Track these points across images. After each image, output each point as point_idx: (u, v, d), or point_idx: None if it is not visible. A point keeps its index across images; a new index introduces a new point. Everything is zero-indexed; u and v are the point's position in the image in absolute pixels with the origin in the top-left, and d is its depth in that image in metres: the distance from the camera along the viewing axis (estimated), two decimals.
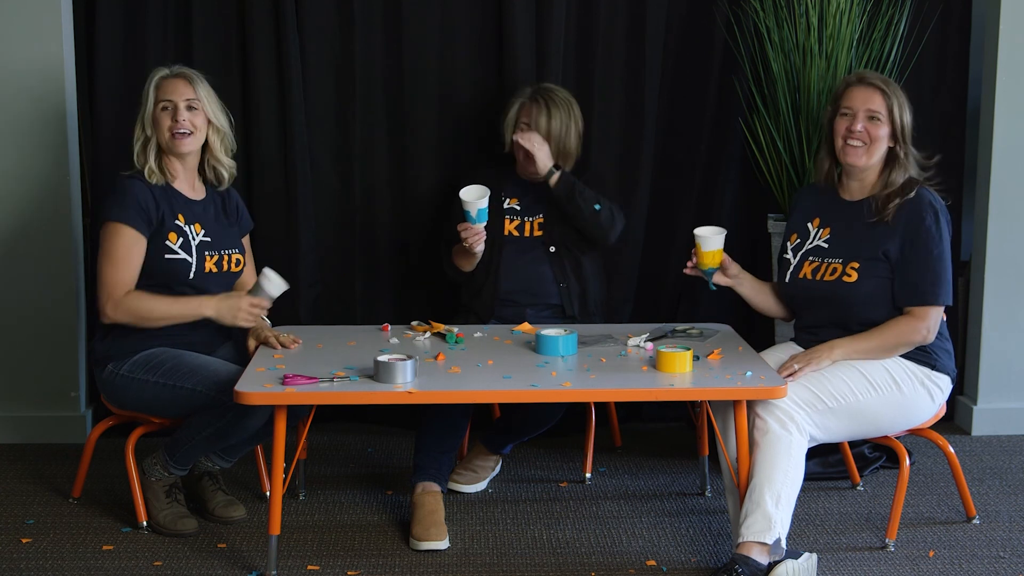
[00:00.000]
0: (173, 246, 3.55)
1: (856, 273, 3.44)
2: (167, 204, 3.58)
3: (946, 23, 4.40)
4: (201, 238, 3.61)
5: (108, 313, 3.52)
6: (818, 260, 3.53)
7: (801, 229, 3.62)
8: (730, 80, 4.37)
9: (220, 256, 3.64)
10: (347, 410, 4.52)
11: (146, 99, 3.60)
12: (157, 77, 3.61)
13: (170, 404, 3.49)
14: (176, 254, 3.55)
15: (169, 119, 3.57)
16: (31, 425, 4.34)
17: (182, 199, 3.63)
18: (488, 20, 4.33)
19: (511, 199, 4.07)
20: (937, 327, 3.44)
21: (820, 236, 3.56)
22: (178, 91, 3.59)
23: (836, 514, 3.76)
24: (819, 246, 3.55)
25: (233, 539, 3.55)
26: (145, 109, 3.60)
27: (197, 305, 3.52)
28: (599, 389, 3.27)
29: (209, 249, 3.62)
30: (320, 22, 4.30)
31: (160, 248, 3.54)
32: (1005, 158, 4.37)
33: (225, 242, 3.68)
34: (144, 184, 3.57)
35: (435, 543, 3.47)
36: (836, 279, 3.46)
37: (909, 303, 3.42)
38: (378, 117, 4.38)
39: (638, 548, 3.51)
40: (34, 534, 3.58)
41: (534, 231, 4.04)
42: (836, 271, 3.47)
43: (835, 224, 3.54)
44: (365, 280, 4.47)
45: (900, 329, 3.41)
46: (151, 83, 3.61)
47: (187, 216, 3.61)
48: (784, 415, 3.28)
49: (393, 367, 3.17)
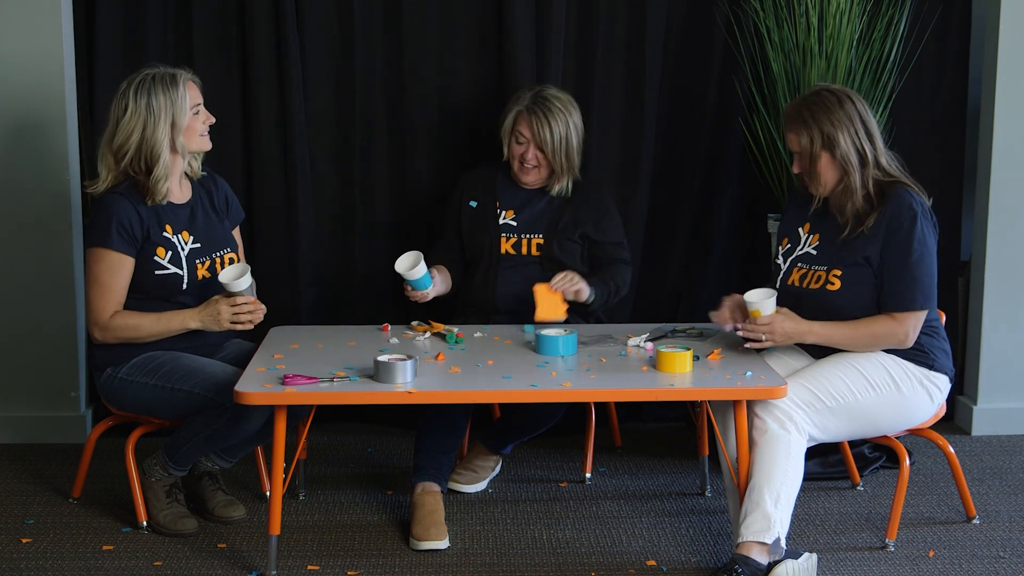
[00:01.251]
0: (162, 261, 3.50)
1: (839, 281, 3.43)
2: (153, 216, 3.51)
3: (946, 23, 4.40)
4: (191, 246, 3.56)
5: (96, 337, 3.52)
6: (806, 267, 3.52)
7: (793, 233, 3.61)
8: (730, 80, 4.37)
9: (212, 260, 3.60)
10: (347, 410, 4.52)
11: (177, 109, 3.46)
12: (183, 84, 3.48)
13: (168, 406, 3.49)
14: (166, 269, 3.51)
15: (200, 123, 3.55)
16: (31, 425, 4.34)
17: (169, 207, 3.56)
18: (488, 20, 4.33)
19: (507, 211, 4.01)
20: (917, 331, 3.41)
21: (810, 243, 3.55)
22: (198, 94, 3.56)
23: (836, 514, 3.76)
24: (808, 253, 3.54)
25: (233, 539, 3.55)
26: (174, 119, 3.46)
27: (181, 320, 3.49)
28: (599, 389, 3.27)
29: (200, 256, 3.57)
30: (320, 22, 4.30)
31: (149, 264, 3.49)
32: (1005, 158, 4.37)
33: (215, 244, 3.63)
34: (127, 200, 3.48)
35: (435, 543, 3.47)
36: (820, 287, 3.45)
37: (890, 308, 3.40)
38: (378, 117, 4.38)
39: (638, 548, 3.51)
40: (34, 534, 3.58)
41: (532, 250, 3.97)
42: (820, 279, 3.46)
43: (823, 231, 3.53)
44: (365, 280, 4.47)
45: (878, 330, 3.40)
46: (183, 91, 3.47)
47: (175, 225, 3.55)
48: (783, 415, 3.28)
49: (393, 367, 3.17)
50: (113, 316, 3.48)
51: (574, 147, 3.94)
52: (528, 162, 3.94)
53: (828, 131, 3.38)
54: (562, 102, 3.94)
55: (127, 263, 3.49)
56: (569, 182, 3.99)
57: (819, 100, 3.42)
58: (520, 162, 3.95)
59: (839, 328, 3.41)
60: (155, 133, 3.46)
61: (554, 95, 3.95)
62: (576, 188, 4.01)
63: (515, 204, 4.02)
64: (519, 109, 3.94)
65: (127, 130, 3.47)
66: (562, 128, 3.90)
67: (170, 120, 3.47)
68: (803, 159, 3.43)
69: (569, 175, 3.98)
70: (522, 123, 3.92)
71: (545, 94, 3.95)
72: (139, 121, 3.46)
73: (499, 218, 4.00)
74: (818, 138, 3.39)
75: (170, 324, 3.49)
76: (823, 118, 3.39)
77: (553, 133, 3.88)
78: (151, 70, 3.51)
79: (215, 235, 3.64)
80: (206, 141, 3.59)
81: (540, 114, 3.89)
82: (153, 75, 3.49)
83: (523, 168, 3.95)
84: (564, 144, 3.91)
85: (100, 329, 3.50)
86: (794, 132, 3.43)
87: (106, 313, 3.48)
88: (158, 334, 3.50)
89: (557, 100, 3.93)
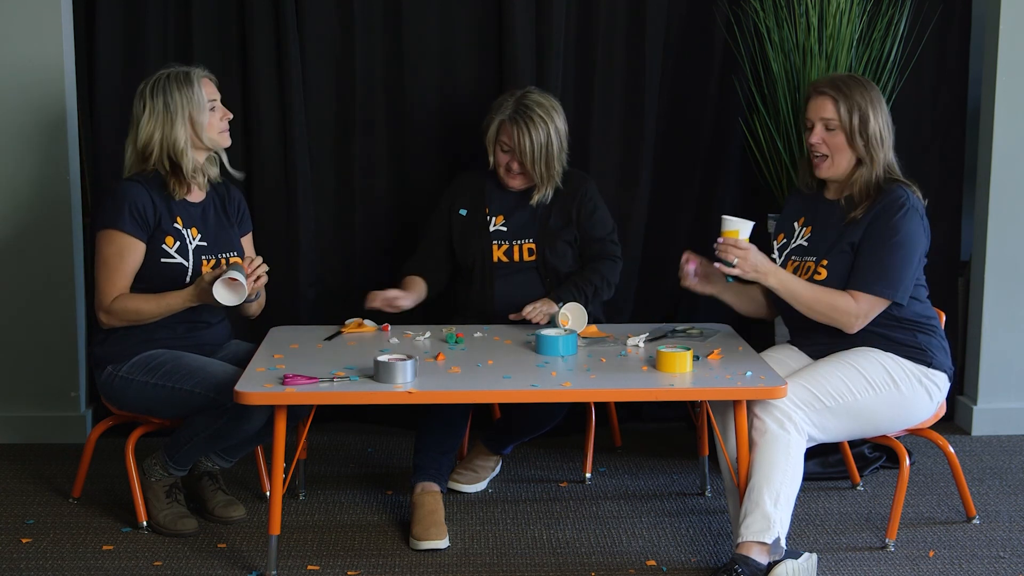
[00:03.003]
0: (170, 250, 3.53)
1: (825, 271, 3.44)
2: (165, 206, 3.55)
3: (946, 23, 4.41)
4: (197, 243, 3.58)
5: (102, 320, 3.54)
6: (798, 260, 3.53)
7: (788, 228, 3.62)
8: (730, 80, 4.37)
9: (217, 260, 3.61)
10: (347, 410, 4.52)
11: (194, 106, 3.51)
12: (198, 81, 3.53)
13: (168, 405, 3.49)
14: (172, 258, 3.53)
15: (219, 119, 3.58)
16: (31, 425, 4.34)
17: (182, 202, 3.59)
18: (488, 20, 4.33)
19: (497, 217, 3.99)
20: (871, 317, 3.39)
21: (803, 235, 3.56)
22: (214, 90, 3.60)
23: (836, 514, 3.76)
24: (800, 245, 3.55)
25: (233, 539, 3.55)
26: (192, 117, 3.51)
27: (180, 299, 3.48)
28: (599, 389, 3.26)
29: (206, 253, 3.59)
30: (320, 22, 4.30)
31: (157, 251, 3.52)
32: (1005, 158, 4.37)
33: (222, 245, 3.65)
34: (143, 187, 3.53)
35: (435, 543, 3.47)
36: (808, 278, 3.46)
37: (851, 286, 3.39)
38: (378, 117, 4.38)
39: (638, 548, 3.51)
40: (34, 534, 3.58)
41: (524, 256, 3.96)
42: (810, 270, 3.47)
43: (816, 223, 3.55)
44: (365, 280, 4.47)
45: (837, 302, 3.38)
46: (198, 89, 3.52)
47: (185, 219, 3.58)
48: (782, 415, 3.28)
49: (393, 367, 3.17)
50: (116, 300, 3.49)
51: (554, 155, 3.89)
52: (514, 169, 3.93)
53: (863, 107, 3.42)
54: (544, 108, 3.88)
55: (137, 247, 3.50)
56: (549, 190, 3.94)
57: (855, 79, 3.47)
58: (506, 169, 3.95)
59: (798, 284, 3.40)
60: (174, 131, 3.51)
61: (536, 101, 3.88)
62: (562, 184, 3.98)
63: (504, 209, 4.01)
64: (501, 119, 3.89)
65: (148, 131, 3.53)
66: (542, 137, 3.85)
67: (188, 117, 3.52)
68: (832, 132, 3.43)
69: (550, 183, 3.93)
70: (504, 132, 3.89)
71: (527, 101, 3.88)
72: (157, 121, 3.52)
73: (489, 225, 3.99)
74: (856, 110, 3.41)
75: (170, 303, 3.48)
76: (859, 94, 3.43)
77: (533, 142, 3.84)
78: (166, 70, 3.56)
79: (223, 237, 3.66)
80: (226, 137, 3.63)
81: (522, 123, 3.84)
82: (168, 75, 3.54)
83: (509, 174, 3.95)
84: (544, 153, 3.86)
85: (104, 312, 3.51)
86: (830, 99, 3.43)
87: (110, 296, 3.49)
88: (160, 314, 3.50)
89: (539, 107, 3.87)
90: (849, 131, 3.42)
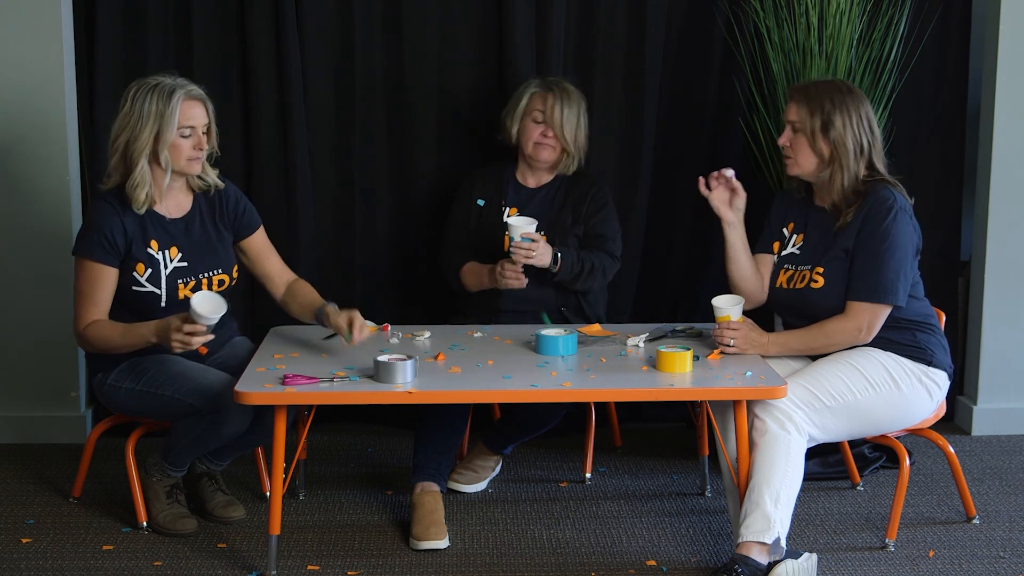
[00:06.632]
0: (140, 278, 3.46)
1: (822, 279, 3.44)
2: (138, 230, 3.45)
3: (946, 23, 4.40)
4: (175, 264, 3.49)
5: (79, 343, 3.53)
6: (792, 268, 3.54)
7: (778, 234, 3.62)
8: (730, 80, 4.37)
9: (198, 280, 3.53)
10: (347, 410, 4.52)
11: (164, 122, 3.39)
12: (177, 100, 3.40)
13: (155, 410, 3.48)
14: (143, 287, 3.47)
15: (190, 147, 3.44)
16: (31, 425, 4.34)
17: (159, 221, 3.50)
18: (488, 19, 4.34)
19: (511, 209, 4.02)
20: (877, 326, 3.40)
21: (794, 243, 3.56)
22: (196, 116, 3.44)
23: (836, 514, 3.76)
24: (792, 253, 3.56)
25: (233, 539, 3.55)
26: (159, 132, 3.39)
27: (143, 334, 3.37)
28: (599, 389, 3.26)
29: (184, 276, 3.50)
30: (320, 22, 4.30)
31: (128, 279, 3.46)
32: (1005, 158, 4.37)
33: (205, 263, 3.55)
34: (113, 209, 3.44)
35: (435, 542, 3.47)
36: (805, 286, 3.46)
37: (848, 297, 3.40)
38: (378, 117, 4.38)
39: (638, 548, 3.51)
40: (34, 534, 3.58)
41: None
42: (805, 278, 3.47)
43: (808, 230, 3.55)
44: (365, 280, 4.47)
45: (829, 328, 3.41)
46: (173, 106, 3.38)
47: (162, 240, 3.49)
48: (782, 415, 3.28)
49: (393, 367, 3.17)
50: (89, 326, 3.44)
51: (583, 135, 4.00)
52: (548, 137, 3.95)
53: (828, 110, 3.41)
54: (576, 91, 4.02)
55: (109, 274, 3.45)
56: (573, 165, 4.02)
57: (831, 84, 3.48)
58: (537, 142, 3.96)
59: (794, 335, 3.44)
60: (138, 139, 3.41)
61: (567, 82, 4.02)
62: (576, 183, 4.02)
63: (518, 202, 4.03)
64: (534, 90, 3.98)
65: (118, 129, 3.45)
66: (576, 112, 3.96)
67: (154, 131, 3.40)
68: (797, 134, 3.45)
69: (575, 159, 4.01)
70: (538, 101, 3.96)
71: (557, 78, 4.04)
72: (128, 123, 3.43)
73: (504, 215, 4.01)
74: (819, 114, 3.41)
75: (135, 339, 3.39)
76: (828, 98, 3.42)
77: (565, 110, 3.93)
78: (160, 78, 3.45)
79: (207, 254, 3.57)
80: (193, 165, 3.47)
81: (556, 92, 3.95)
82: (156, 83, 3.43)
83: (540, 146, 3.96)
84: (576, 123, 3.96)
85: (78, 338, 3.50)
86: (796, 102, 3.46)
87: (84, 322, 3.45)
88: (128, 345, 3.42)
89: (571, 87, 4.01)
90: (811, 133, 3.43)
